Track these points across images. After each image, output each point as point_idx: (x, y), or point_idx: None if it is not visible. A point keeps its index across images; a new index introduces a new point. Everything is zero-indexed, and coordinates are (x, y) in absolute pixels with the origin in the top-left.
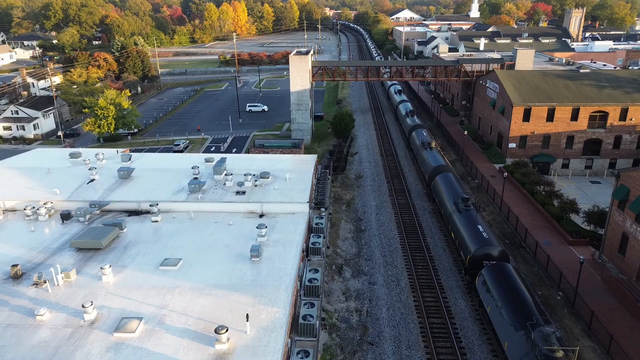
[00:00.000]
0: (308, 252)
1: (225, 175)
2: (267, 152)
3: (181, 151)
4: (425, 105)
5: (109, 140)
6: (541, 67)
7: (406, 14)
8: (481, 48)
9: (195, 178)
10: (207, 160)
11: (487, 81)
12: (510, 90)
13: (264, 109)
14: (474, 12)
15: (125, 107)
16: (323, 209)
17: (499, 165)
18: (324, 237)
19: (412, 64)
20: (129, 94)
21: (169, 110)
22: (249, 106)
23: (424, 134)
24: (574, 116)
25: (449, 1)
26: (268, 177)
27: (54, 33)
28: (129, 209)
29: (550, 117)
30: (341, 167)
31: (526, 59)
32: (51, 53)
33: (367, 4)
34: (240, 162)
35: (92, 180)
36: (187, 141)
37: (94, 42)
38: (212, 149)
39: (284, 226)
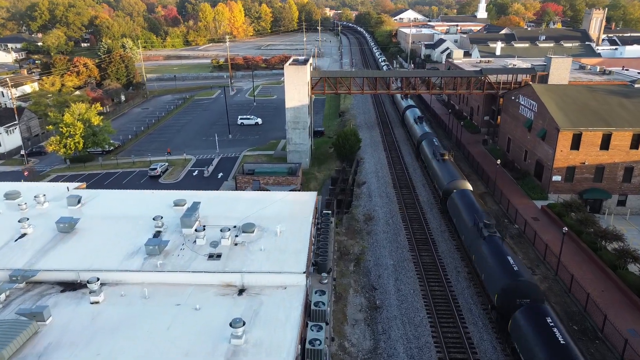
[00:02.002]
0: (304, 356)
1: (197, 231)
2: (258, 180)
3: (158, 176)
4: (439, 118)
5: (77, 161)
6: (573, 77)
7: (410, 14)
8: (497, 53)
9: (158, 233)
10: (176, 204)
11: (520, 97)
12: (553, 110)
13: (257, 122)
14: (481, 13)
15: (95, 123)
16: (325, 275)
17: (540, 204)
18: (326, 324)
19: (428, 74)
20: (100, 108)
21: (152, 122)
22: (240, 119)
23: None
24: (635, 143)
25: (451, 1)
26: (252, 231)
27: (40, 35)
28: (65, 281)
29: (605, 144)
30: (346, 203)
31: (562, 69)
32: (36, 56)
33: (368, 4)
34: (218, 206)
35: (23, 235)
36: (166, 163)
37: (82, 44)
38: (194, 173)
39: (270, 312)
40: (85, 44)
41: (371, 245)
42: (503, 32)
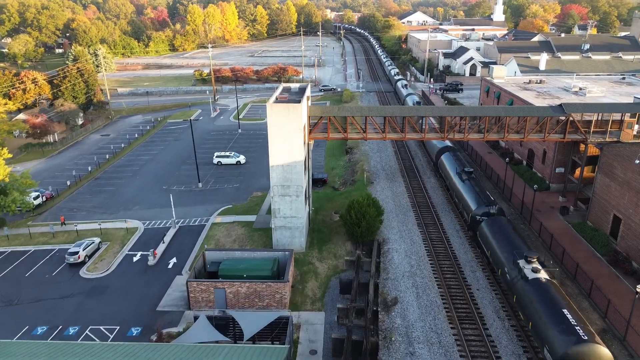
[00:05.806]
0: None
1: None
2: (223, 290)
3: (82, 263)
4: (480, 160)
5: None
6: None
7: (419, 16)
8: (542, 67)
9: None
10: None
11: None
12: None
13: (239, 161)
14: (498, 15)
15: (0, 178)
16: None
17: None
18: None
19: (481, 112)
20: (8, 155)
21: (104, 159)
22: (217, 157)
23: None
24: None
25: (456, 2)
26: None
27: (9, 40)
28: None
29: None
30: (370, 351)
31: None
32: (2, 64)
33: (370, 6)
34: None
35: None
36: (97, 240)
37: (56, 50)
38: (135, 259)
39: None
40: (60, 50)
41: None
42: (535, 39)
